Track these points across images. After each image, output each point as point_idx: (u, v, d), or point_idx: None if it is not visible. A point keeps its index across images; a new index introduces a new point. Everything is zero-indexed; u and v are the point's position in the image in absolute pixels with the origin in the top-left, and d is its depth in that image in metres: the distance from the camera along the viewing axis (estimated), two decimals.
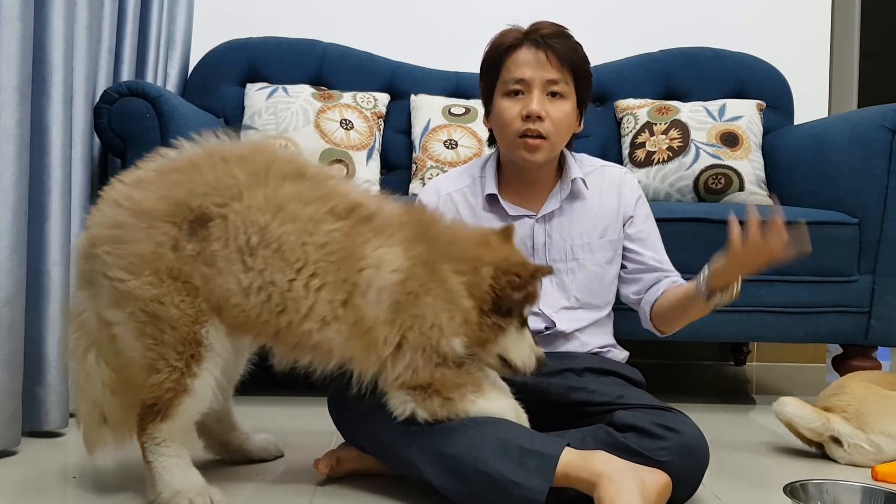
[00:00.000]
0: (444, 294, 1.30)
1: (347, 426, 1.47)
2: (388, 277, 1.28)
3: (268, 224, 1.26)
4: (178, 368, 1.27)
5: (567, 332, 1.62)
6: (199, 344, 1.28)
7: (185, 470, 1.31)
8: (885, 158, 2.09)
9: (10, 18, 1.58)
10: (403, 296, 1.28)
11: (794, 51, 2.97)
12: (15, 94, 1.59)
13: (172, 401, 1.27)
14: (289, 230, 1.26)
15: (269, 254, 1.25)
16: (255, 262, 1.25)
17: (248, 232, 1.26)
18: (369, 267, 1.28)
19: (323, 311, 1.27)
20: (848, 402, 1.69)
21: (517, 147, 1.60)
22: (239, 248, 1.26)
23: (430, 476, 1.33)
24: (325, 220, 1.28)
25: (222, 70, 2.65)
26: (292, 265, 1.26)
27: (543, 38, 1.57)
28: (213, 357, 1.30)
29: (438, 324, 1.29)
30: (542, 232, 1.65)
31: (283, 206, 1.27)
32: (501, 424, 1.34)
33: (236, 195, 1.27)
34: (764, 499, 1.46)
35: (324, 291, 1.26)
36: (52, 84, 1.73)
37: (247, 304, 1.27)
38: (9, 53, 1.58)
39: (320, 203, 1.30)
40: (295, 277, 1.26)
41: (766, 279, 2.10)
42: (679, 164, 2.48)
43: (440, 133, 2.55)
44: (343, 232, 1.29)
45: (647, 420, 1.35)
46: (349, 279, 1.27)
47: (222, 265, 1.26)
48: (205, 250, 1.26)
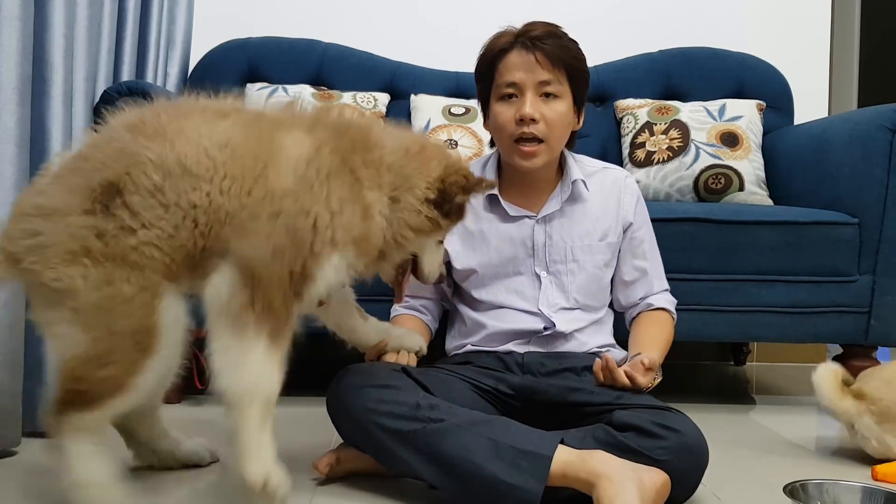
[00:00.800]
0: (350, 188, 1.27)
1: (345, 428, 1.47)
2: (293, 154, 1.25)
3: (161, 155, 1.20)
4: (133, 360, 1.19)
5: (566, 332, 1.62)
6: (150, 334, 1.20)
7: (96, 461, 1.23)
8: (885, 158, 2.09)
9: (10, 18, 1.58)
10: (309, 172, 1.24)
11: (794, 51, 2.97)
12: (15, 94, 1.59)
13: (109, 395, 1.20)
14: (183, 147, 1.21)
15: (176, 181, 1.20)
16: (168, 197, 1.20)
17: (148, 172, 1.20)
18: (277, 150, 1.24)
19: (234, 207, 1.22)
20: (881, 396, 1.66)
21: (513, 153, 1.60)
22: (150, 193, 1.20)
23: (427, 476, 1.34)
24: (214, 122, 1.25)
25: (222, 70, 2.65)
26: (202, 177, 1.21)
27: (533, 40, 1.58)
28: (160, 350, 1.21)
29: (327, 230, 1.23)
30: (542, 233, 1.65)
31: (165, 131, 1.23)
32: (494, 423, 1.34)
33: (130, 154, 1.21)
34: (764, 499, 1.46)
35: (234, 187, 1.22)
36: (52, 84, 1.73)
37: (182, 237, 1.21)
38: (8, 53, 1.58)
39: (199, 113, 1.26)
40: (209, 188, 1.21)
41: (766, 279, 2.10)
42: (679, 164, 2.48)
43: (440, 133, 2.55)
44: (239, 125, 1.25)
45: (646, 419, 1.35)
46: (256, 166, 1.23)
47: (145, 218, 1.20)
48: (123, 221, 1.19)
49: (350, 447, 1.50)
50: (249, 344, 1.20)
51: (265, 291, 1.20)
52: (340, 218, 1.24)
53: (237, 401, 1.20)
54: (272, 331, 1.21)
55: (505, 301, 1.65)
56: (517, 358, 1.61)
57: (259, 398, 1.21)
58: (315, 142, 1.27)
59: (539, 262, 1.65)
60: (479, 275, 1.67)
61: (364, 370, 1.48)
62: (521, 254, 1.65)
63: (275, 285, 1.21)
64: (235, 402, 1.20)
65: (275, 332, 1.21)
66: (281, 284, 1.21)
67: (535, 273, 1.65)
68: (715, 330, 2.12)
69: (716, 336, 2.17)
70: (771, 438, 1.88)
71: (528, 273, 1.65)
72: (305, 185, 1.24)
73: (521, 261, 1.65)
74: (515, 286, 1.65)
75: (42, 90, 1.72)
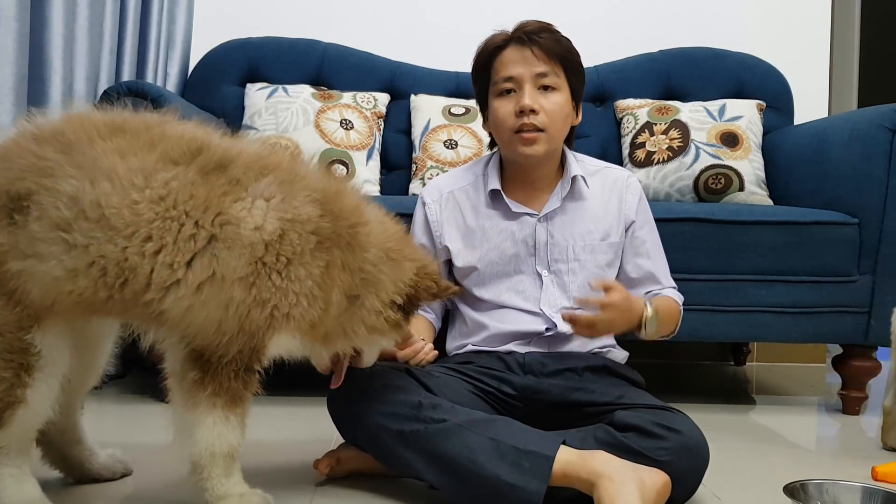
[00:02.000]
0: (320, 280, 1.17)
1: (347, 426, 1.47)
2: (249, 235, 1.12)
3: (79, 190, 1.06)
4: (7, 379, 1.13)
5: (567, 332, 1.62)
6: (27, 352, 1.13)
7: (19, 481, 1.19)
8: (885, 158, 2.09)
9: (6, 19, 1.58)
10: (270, 258, 1.13)
11: (794, 51, 2.97)
12: (10, 95, 1.60)
13: (5, 411, 1.14)
14: (107, 190, 1.07)
15: (91, 225, 1.07)
16: (75, 238, 1.07)
17: (59, 205, 1.06)
18: (228, 224, 1.11)
19: (163, 276, 1.09)
20: None
21: (515, 143, 1.60)
22: (55, 226, 1.07)
23: (428, 477, 1.33)
24: (157, 170, 1.10)
25: (222, 70, 2.65)
26: (121, 231, 1.07)
27: (528, 35, 1.59)
28: (46, 366, 1.15)
29: (282, 320, 1.16)
30: (544, 231, 1.65)
31: (95, 163, 1.08)
32: (496, 423, 1.34)
33: (47, 172, 1.08)
34: (764, 499, 1.46)
35: (162, 254, 1.09)
36: (51, 84, 1.74)
37: (79, 285, 1.09)
38: (4, 53, 1.58)
39: (146, 151, 1.11)
40: (128, 245, 1.08)
41: (766, 279, 2.10)
42: (679, 164, 2.48)
43: (440, 133, 2.55)
44: (186, 180, 1.10)
45: (647, 420, 1.35)
46: (197, 236, 1.10)
47: (42, 250, 1.08)
48: (17, 242, 1.08)
49: (350, 447, 1.50)
50: (201, 418, 1.18)
51: (216, 374, 1.17)
52: (298, 309, 1.17)
53: (196, 462, 1.21)
54: (227, 402, 1.18)
55: (506, 301, 1.65)
56: (518, 358, 1.61)
57: (217, 459, 1.20)
58: (279, 223, 1.14)
59: (540, 260, 1.65)
60: (480, 272, 1.67)
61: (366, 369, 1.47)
62: (523, 252, 1.65)
63: (225, 366, 1.17)
64: (194, 463, 1.21)
65: (230, 403, 1.19)
66: (232, 364, 1.17)
67: (536, 272, 1.65)
68: (715, 330, 2.12)
69: (716, 336, 2.17)
70: (771, 438, 1.88)
71: (529, 272, 1.65)
72: (263, 273, 1.13)
73: (522, 259, 1.65)
74: (517, 285, 1.65)
75: (41, 90, 1.72)
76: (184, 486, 1.27)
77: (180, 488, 1.40)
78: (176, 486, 1.43)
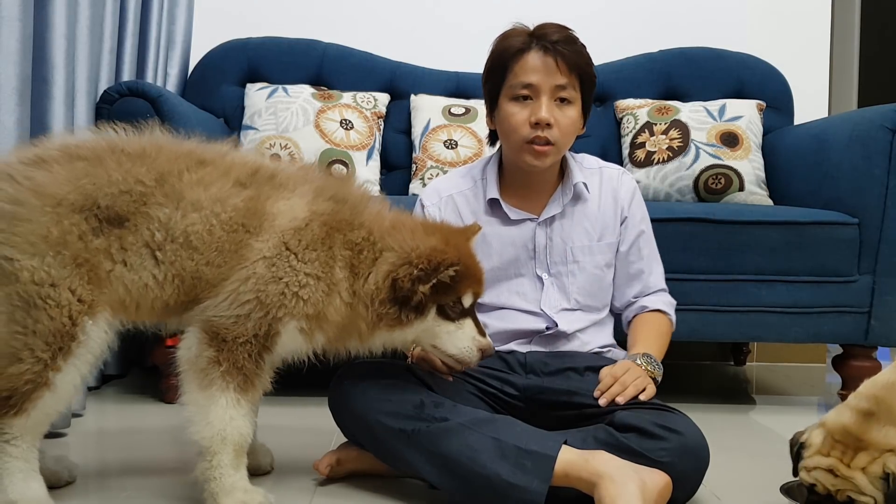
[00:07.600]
0: (322, 268, 1.30)
1: (348, 425, 1.47)
2: (283, 224, 1.29)
3: (171, 219, 1.26)
4: (43, 360, 1.19)
5: (568, 332, 1.62)
6: (74, 338, 1.21)
7: (27, 477, 1.22)
8: (885, 158, 2.09)
9: (10, 18, 1.58)
10: (293, 242, 1.28)
11: (794, 51, 2.97)
12: (14, 94, 1.59)
13: (30, 394, 1.19)
14: (194, 220, 1.26)
15: (177, 246, 1.26)
16: (165, 256, 1.26)
17: (153, 228, 1.25)
18: (268, 220, 1.29)
19: (219, 278, 1.28)
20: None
21: (524, 153, 1.59)
22: (146, 244, 1.25)
23: (429, 476, 1.34)
24: (230, 195, 1.29)
25: (222, 70, 2.65)
26: (199, 250, 1.26)
27: (553, 44, 1.56)
28: (83, 353, 1.23)
29: (292, 299, 1.27)
30: (543, 235, 1.65)
31: (184, 196, 1.27)
32: (497, 423, 1.34)
33: (143, 199, 1.25)
34: (764, 499, 1.46)
35: (220, 260, 1.27)
36: (53, 84, 1.74)
37: (165, 292, 1.27)
38: (8, 53, 1.58)
39: (223, 180, 1.30)
40: (202, 258, 1.27)
41: (766, 279, 2.10)
42: (679, 164, 2.48)
43: (440, 133, 2.55)
44: (247, 197, 1.29)
45: (647, 420, 1.35)
46: (245, 239, 1.28)
47: (132, 262, 1.25)
48: (112, 247, 1.24)
49: (350, 448, 1.50)
50: (215, 396, 1.25)
51: (231, 351, 1.26)
52: (306, 290, 1.28)
53: (206, 448, 1.25)
54: (240, 384, 1.26)
55: (507, 302, 1.65)
56: (519, 357, 1.61)
57: (227, 445, 1.26)
58: (310, 214, 1.31)
59: (540, 263, 1.65)
60: None
61: (367, 367, 1.47)
62: (523, 256, 1.65)
63: (240, 345, 1.26)
64: (205, 449, 1.25)
65: (243, 385, 1.27)
66: (246, 345, 1.27)
67: (536, 275, 1.65)
68: (715, 330, 2.12)
69: (716, 336, 2.18)
70: (771, 438, 1.89)
71: (529, 275, 1.65)
72: (285, 253, 1.28)
73: (522, 263, 1.65)
74: (517, 288, 1.65)
75: (44, 90, 1.72)
76: (184, 486, 1.27)
77: (180, 488, 1.41)
78: (176, 486, 1.43)
